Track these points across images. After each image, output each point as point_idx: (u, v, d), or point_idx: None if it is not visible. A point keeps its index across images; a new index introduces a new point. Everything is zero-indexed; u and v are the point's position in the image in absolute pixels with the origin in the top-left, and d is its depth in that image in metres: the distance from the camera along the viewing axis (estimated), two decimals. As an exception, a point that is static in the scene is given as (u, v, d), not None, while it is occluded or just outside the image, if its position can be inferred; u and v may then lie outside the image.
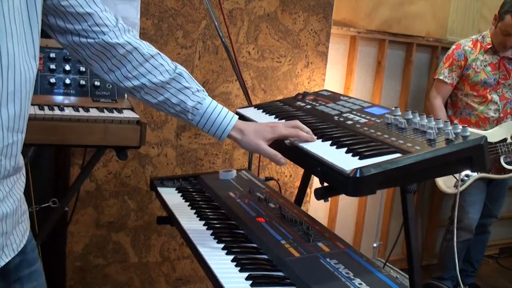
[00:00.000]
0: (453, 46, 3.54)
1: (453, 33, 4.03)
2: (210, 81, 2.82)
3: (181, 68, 1.44)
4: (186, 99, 1.41)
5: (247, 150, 1.49)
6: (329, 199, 1.36)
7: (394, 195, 4.01)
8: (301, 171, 3.13)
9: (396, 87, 3.88)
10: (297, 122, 1.49)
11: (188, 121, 1.44)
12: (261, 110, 1.89)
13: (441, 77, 3.50)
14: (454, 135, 1.40)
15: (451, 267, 3.51)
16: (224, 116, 1.43)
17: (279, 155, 1.43)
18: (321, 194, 1.34)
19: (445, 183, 3.47)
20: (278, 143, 1.49)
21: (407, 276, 1.74)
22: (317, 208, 3.57)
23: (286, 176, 3.15)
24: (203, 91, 1.46)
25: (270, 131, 1.44)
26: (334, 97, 1.93)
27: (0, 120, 1.02)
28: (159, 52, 1.43)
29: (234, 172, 2.04)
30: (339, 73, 3.56)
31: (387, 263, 2.74)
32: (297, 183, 3.15)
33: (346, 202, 3.78)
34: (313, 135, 1.48)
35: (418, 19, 3.85)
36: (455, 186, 3.39)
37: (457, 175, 3.33)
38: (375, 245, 3.06)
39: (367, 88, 3.72)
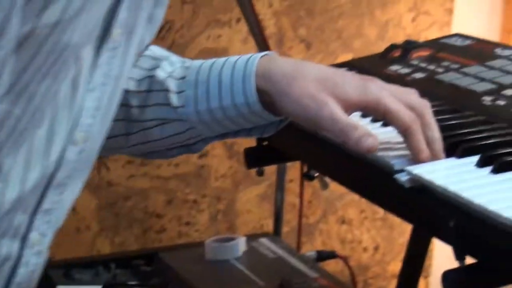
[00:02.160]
0: None
1: None
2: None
3: None
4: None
5: (295, 117, 0.69)
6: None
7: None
8: (397, 234, 2.02)
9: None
10: (415, 97, 0.68)
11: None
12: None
13: None
14: None
15: None
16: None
17: (363, 129, 0.64)
18: (459, 283, 0.51)
19: None
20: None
21: None
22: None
23: (362, 246, 1.78)
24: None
25: (356, 87, 0.65)
26: (478, 50, 0.99)
27: None
28: None
29: (242, 242, 1.10)
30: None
31: None
32: (393, 266, 1.80)
33: None
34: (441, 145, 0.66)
35: None
36: None
37: None
38: None
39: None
